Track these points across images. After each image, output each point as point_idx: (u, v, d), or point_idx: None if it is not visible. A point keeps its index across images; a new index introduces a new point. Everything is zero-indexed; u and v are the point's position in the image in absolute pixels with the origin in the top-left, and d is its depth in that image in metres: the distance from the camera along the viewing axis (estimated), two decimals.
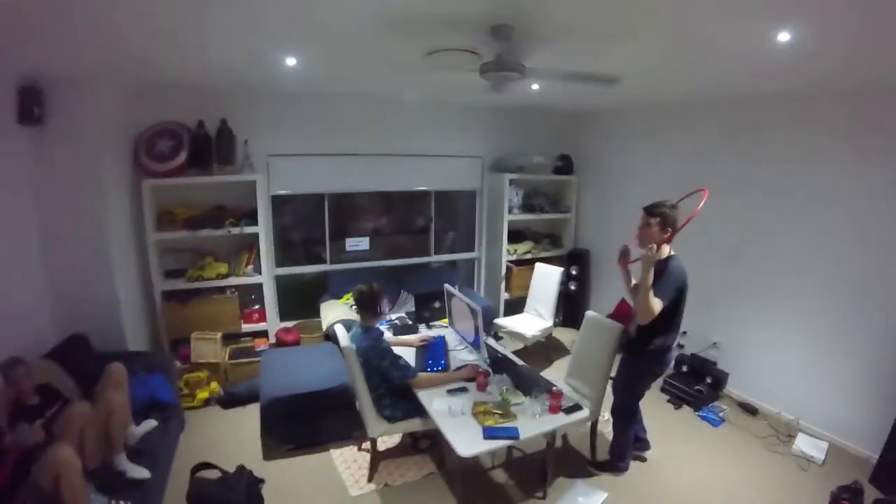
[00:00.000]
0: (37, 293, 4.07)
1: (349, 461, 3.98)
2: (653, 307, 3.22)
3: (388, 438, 4.16)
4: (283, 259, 5.98)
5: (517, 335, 5.55)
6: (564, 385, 3.93)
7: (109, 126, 4.41)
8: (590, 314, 4.12)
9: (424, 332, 4.56)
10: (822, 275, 4.35)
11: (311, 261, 6.23)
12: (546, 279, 5.84)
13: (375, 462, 3.80)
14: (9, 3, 2.33)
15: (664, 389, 5.14)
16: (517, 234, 6.88)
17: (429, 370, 3.85)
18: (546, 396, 3.36)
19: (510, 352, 4.29)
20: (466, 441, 2.96)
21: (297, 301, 6.16)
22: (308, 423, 4.10)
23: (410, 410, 3.56)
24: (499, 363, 3.93)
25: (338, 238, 6.25)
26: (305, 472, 3.85)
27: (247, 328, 5.43)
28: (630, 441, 3.88)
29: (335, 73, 4.36)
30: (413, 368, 3.68)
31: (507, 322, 5.81)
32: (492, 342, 4.42)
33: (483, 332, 4.02)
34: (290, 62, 3.79)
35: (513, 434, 3.04)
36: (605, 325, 3.84)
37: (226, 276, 5.21)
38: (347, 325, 4.32)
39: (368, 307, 3.70)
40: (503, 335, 5.85)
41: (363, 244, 6.42)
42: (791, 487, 3.77)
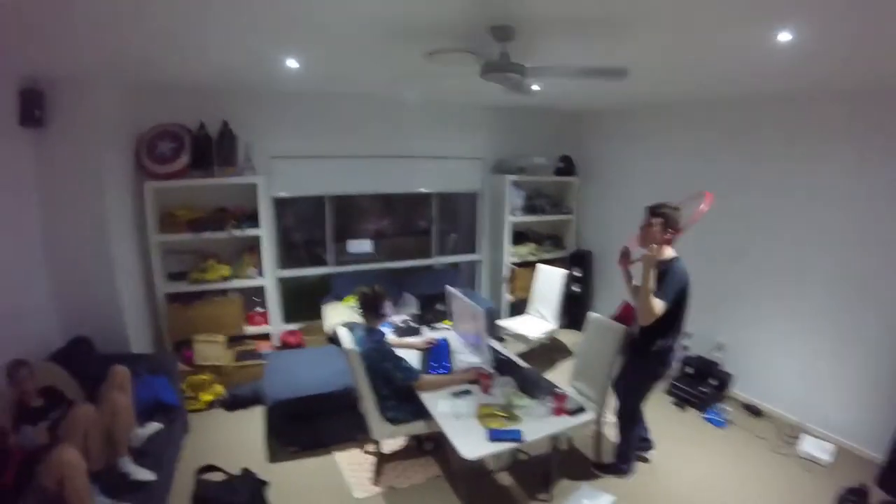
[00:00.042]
0: (40, 296, 4.06)
1: (353, 464, 3.98)
2: (654, 308, 3.22)
3: (393, 441, 4.15)
4: (286, 261, 5.97)
5: (520, 337, 5.54)
6: (568, 387, 3.93)
7: (111, 128, 4.41)
8: (593, 316, 4.11)
9: (427, 335, 4.56)
10: (827, 276, 4.35)
11: (314, 263, 6.21)
12: (549, 281, 5.83)
13: (380, 464, 3.81)
14: (9, 4, 2.33)
15: (669, 391, 5.12)
16: (519, 236, 6.86)
17: (432, 372, 3.85)
18: (550, 399, 3.35)
19: (513, 354, 4.29)
20: (471, 443, 2.96)
21: (301, 303, 6.15)
22: (312, 426, 4.10)
23: (414, 413, 3.55)
24: (502, 365, 3.93)
25: (340, 240, 6.23)
26: (310, 475, 3.85)
27: (250, 330, 5.42)
28: (635, 444, 3.87)
29: (336, 74, 4.36)
30: (417, 371, 3.69)
31: (511, 324, 5.80)
32: (495, 344, 4.42)
33: (486, 334, 4.01)
34: (291, 63, 3.79)
35: (517, 436, 3.03)
36: (609, 327, 3.83)
37: (228, 279, 5.20)
38: (350, 328, 4.31)
39: (371, 309, 3.70)
40: (506, 337, 5.83)
41: (366, 246, 6.40)
42: (796, 489, 3.77)
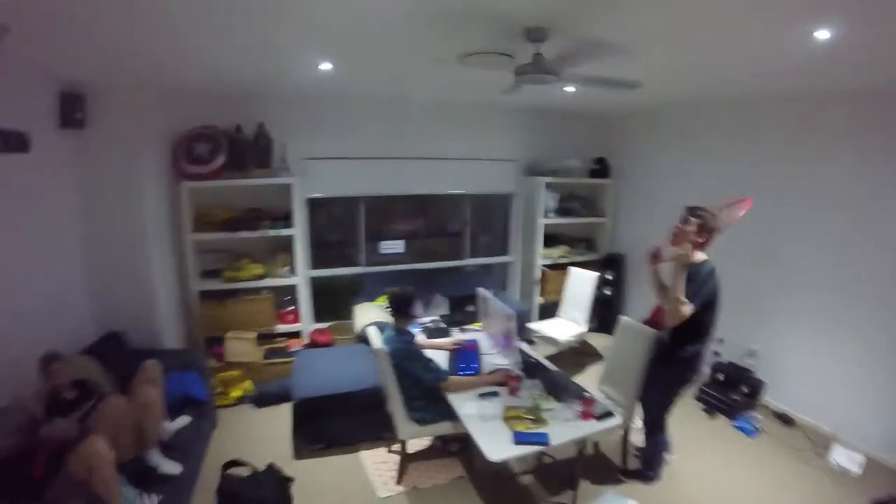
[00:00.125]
0: (77, 291, 4.17)
1: (378, 462, 3.99)
2: (682, 310, 3.15)
3: (418, 441, 4.14)
4: (318, 261, 6.01)
5: (550, 340, 5.49)
6: (597, 391, 3.87)
7: (149, 129, 4.51)
8: (624, 320, 4.03)
9: (457, 336, 4.55)
10: (864, 283, 4.18)
11: (346, 263, 6.25)
12: (581, 284, 5.77)
13: (404, 464, 3.80)
14: (49, 13, 2.41)
15: (699, 397, 5.01)
16: (552, 238, 6.79)
17: (460, 374, 3.83)
18: (578, 403, 3.31)
19: (543, 357, 4.24)
20: (496, 445, 2.94)
21: (331, 303, 6.20)
22: (339, 424, 4.12)
23: (441, 413, 3.54)
24: (531, 368, 3.88)
25: (372, 241, 6.27)
26: (334, 472, 3.87)
27: (281, 329, 5.48)
28: (662, 450, 3.80)
29: (365, 77, 4.39)
30: (445, 371, 3.67)
31: (541, 327, 5.76)
32: (525, 347, 4.38)
33: (516, 337, 3.98)
34: (325, 66, 3.82)
35: (543, 440, 3.00)
36: (640, 332, 3.75)
37: (261, 278, 5.27)
38: (381, 328, 4.33)
39: (402, 310, 3.71)
40: (536, 340, 5.78)
41: (398, 247, 6.42)
42: (825, 500, 3.65)
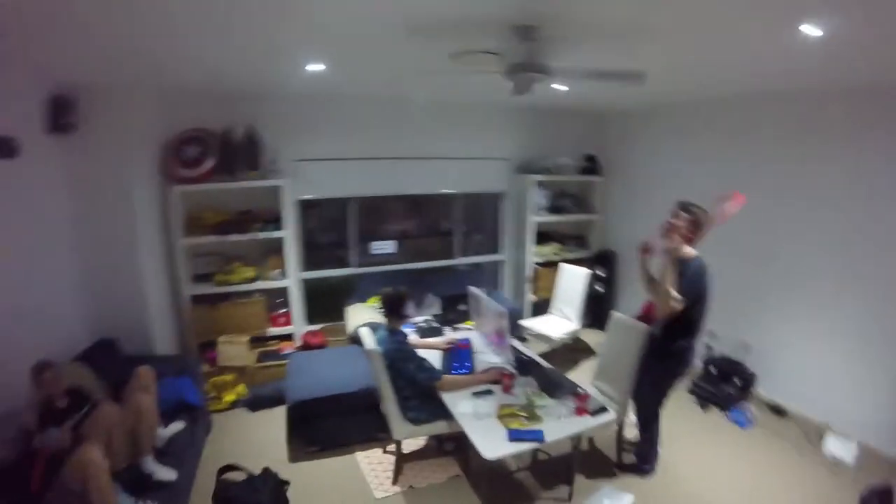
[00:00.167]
0: (68, 298, 4.14)
1: (374, 463, 3.99)
2: (673, 302, 3.18)
3: (413, 441, 4.14)
4: (310, 263, 6.00)
5: (543, 337, 5.51)
6: (590, 387, 3.89)
7: (138, 133, 4.48)
8: (617, 316, 4.05)
9: (450, 335, 4.56)
10: (854, 276, 4.22)
11: (338, 264, 6.24)
12: (572, 280, 5.79)
13: (400, 464, 3.80)
14: (36, 15, 2.39)
15: (692, 390, 5.05)
16: (543, 236, 6.80)
17: (454, 373, 3.85)
18: (572, 399, 3.33)
19: (536, 354, 4.26)
20: (491, 443, 2.95)
21: (324, 304, 6.18)
22: (333, 426, 4.12)
23: (436, 413, 3.55)
24: (524, 365, 3.90)
25: (363, 241, 6.26)
26: (330, 474, 3.87)
27: (273, 331, 5.46)
28: (655, 443, 3.83)
29: (359, 77, 4.39)
30: (438, 371, 3.68)
31: (533, 324, 5.77)
32: (517, 344, 4.39)
33: (509, 335, 3.99)
34: (317, 66, 3.82)
35: (538, 437, 3.02)
36: (632, 327, 3.77)
37: (253, 280, 5.25)
38: (373, 328, 4.32)
39: (394, 310, 3.71)
40: (529, 337, 5.80)
41: (388, 247, 6.42)
42: (820, 490, 3.69)
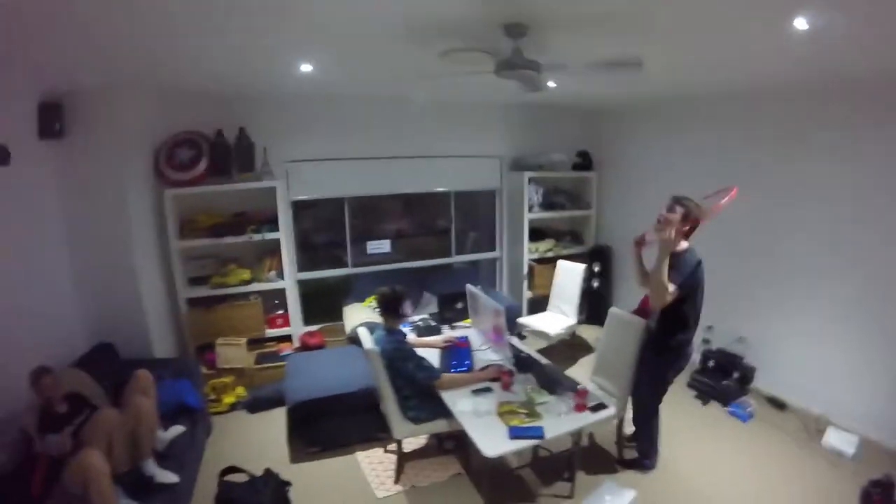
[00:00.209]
0: (64, 303, 4.12)
1: (375, 463, 3.99)
2: (666, 290, 3.18)
3: (414, 440, 4.15)
4: (306, 263, 6.00)
5: (541, 334, 5.51)
6: (590, 383, 3.90)
7: (130, 137, 4.46)
8: (614, 311, 4.06)
9: (448, 333, 4.55)
10: (851, 268, 4.24)
11: (334, 264, 6.23)
12: (569, 277, 5.80)
13: (401, 463, 3.80)
14: (26, 19, 2.38)
15: (691, 385, 5.06)
16: (538, 233, 6.82)
17: (453, 371, 3.84)
18: (571, 395, 3.33)
19: (534, 351, 4.26)
20: (492, 441, 2.95)
21: (321, 305, 6.18)
22: (333, 426, 4.11)
23: (435, 412, 3.54)
24: (523, 362, 3.90)
25: (359, 241, 6.25)
26: (332, 475, 3.87)
27: (271, 333, 5.45)
28: (656, 438, 3.83)
29: (349, 77, 4.39)
30: (437, 370, 3.68)
31: (531, 321, 5.78)
32: (515, 341, 4.40)
33: (507, 332, 3.99)
34: (305, 67, 3.81)
35: (538, 433, 3.02)
36: (630, 322, 3.78)
37: (249, 282, 5.24)
38: (371, 328, 4.32)
39: (391, 309, 3.70)
40: (527, 334, 5.81)
41: (384, 247, 6.41)
42: (821, 483, 3.70)
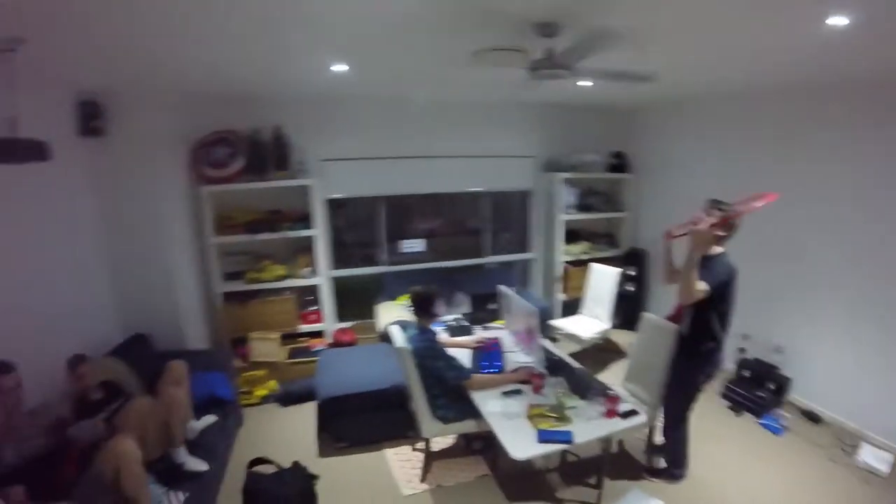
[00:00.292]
0: (102, 295, 4.25)
1: (402, 461, 4.00)
2: (695, 287, 3.09)
3: (442, 439, 4.16)
4: (339, 261, 6.05)
5: (573, 337, 5.46)
6: (621, 389, 3.84)
7: (167, 135, 4.57)
8: (647, 316, 3.99)
9: (480, 334, 4.54)
10: (891, 280, 4.05)
11: (367, 262, 6.28)
12: (603, 280, 5.72)
13: (428, 462, 3.81)
14: (68, 22, 2.44)
15: (724, 395, 4.93)
16: (573, 234, 6.75)
17: (484, 372, 3.83)
18: (602, 400, 3.28)
19: (566, 354, 4.21)
20: (520, 444, 2.93)
21: (354, 302, 6.23)
22: (363, 422, 4.15)
23: (465, 412, 3.54)
24: (554, 365, 3.86)
25: (393, 240, 6.29)
26: (359, 470, 3.89)
27: (304, 328, 5.53)
28: (685, 447, 3.75)
29: (384, 77, 4.38)
30: (468, 370, 3.67)
31: (563, 324, 5.72)
32: (547, 344, 4.36)
33: (539, 334, 3.96)
34: (340, 67, 3.83)
35: (567, 438, 2.98)
36: (664, 328, 3.69)
37: (283, 278, 5.32)
38: (403, 326, 4.33)
39: (424, 308, 3.72)
40: (559, 337, 5.76)
41: (418, 246, 6.43)
42: (853, 499, 3.56)
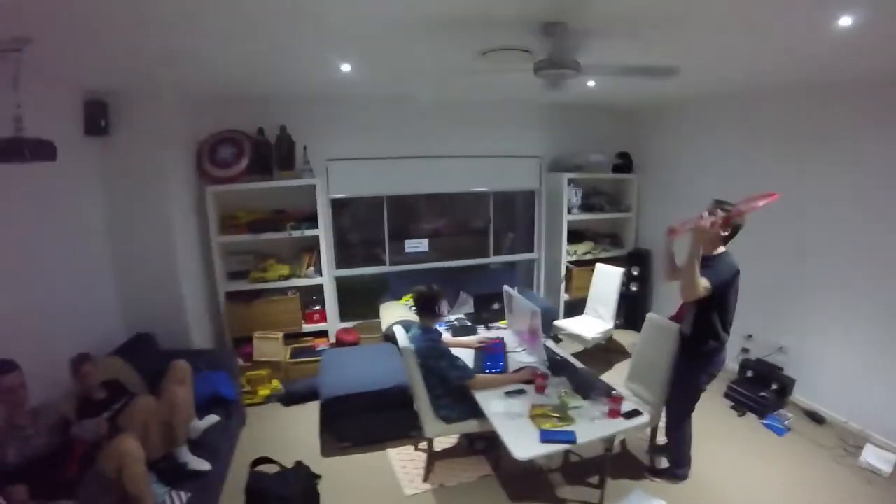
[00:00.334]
0: (106, 294, 4.27)
1: (405, 460, 4.00)
2: (697, 283, 3.08)
3: (445, 439, 4.15)
4: (343, 261, 6.06)
5: (577, 337, 5.44)
6: (624, 389, 3.83)
7: (173, 135, 4.58)
8: (651, 316, 3.97)
9: (483, 334, 4.54)
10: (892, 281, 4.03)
11: (371, 262, 6.28)
12: (607, 280, 5.71)
13: (431, 462, 3.81)
14: (78, 23, 2.45)
15: (727, 395, 4.91)
16: (577, 235, 6.74)
17: (487, 372, 3.83)
18: (605, 400, 3.27)
19: (569, 354, 4.21)
20: (523, 444, 2.92)
21: (357, 302, 6.24)
22: (366, 422, 4.14)
23: (467, 412, 3.54)
24: (557, 366, 3.86)
25: (397, 240, 6.28)
26: (361, 470, 3.89)
27: (307, 328, 5.54)
28: (688, 447, 3.73)
29: (389, 77, 4.39)
30: (471, 370, 3.67)
31: (567, 324, 5.71)
32: (551, 344, 4.36)
33: (542, 334, 3.95)
34: (344, 68, 3.83)
35: (570, 438, 2.98)
36: (667, 328, 3.68)
37: (287, 278, 5.33)
38: (406, 326, 4.34)
39: (427, 308, 3.72)
40: (562, 337, 5.75)
41: (422, 246, 6.43)
42: (856, 499, 3.54)
